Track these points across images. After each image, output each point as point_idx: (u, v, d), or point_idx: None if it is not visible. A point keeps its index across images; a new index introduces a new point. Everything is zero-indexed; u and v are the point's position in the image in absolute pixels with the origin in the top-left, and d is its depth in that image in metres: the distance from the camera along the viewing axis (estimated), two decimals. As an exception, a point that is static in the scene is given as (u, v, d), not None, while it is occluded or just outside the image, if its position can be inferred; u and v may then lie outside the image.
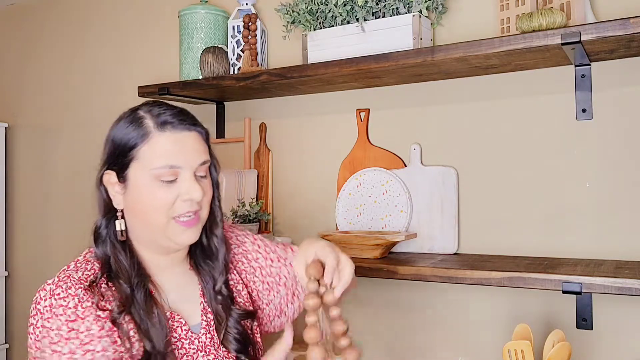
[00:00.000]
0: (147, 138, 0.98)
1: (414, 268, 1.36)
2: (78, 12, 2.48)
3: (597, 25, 1.17)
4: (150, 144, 0.98)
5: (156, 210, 0.98)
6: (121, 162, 0.99)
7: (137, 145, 0.98)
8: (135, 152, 0.98)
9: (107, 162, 1.01)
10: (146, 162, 0.97)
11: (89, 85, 2.43)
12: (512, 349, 1.25)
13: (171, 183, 0.98)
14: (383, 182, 1.65)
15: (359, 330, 1.74)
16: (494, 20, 1.52)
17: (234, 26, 1.88)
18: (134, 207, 1.00)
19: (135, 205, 0.99)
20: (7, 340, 2.65)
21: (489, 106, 1.55)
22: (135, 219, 1.01)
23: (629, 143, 1.38)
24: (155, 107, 1.02)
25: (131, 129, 1.00)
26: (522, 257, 1.46)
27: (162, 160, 0.97)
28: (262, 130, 1.94)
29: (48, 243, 2.55)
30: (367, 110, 1.74)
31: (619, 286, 1.14)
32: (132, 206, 1.00)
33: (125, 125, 1.01)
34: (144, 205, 0.98)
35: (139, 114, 1.01)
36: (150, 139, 0.98)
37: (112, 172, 1.00)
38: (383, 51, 1.46)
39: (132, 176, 0.98)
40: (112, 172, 1.00)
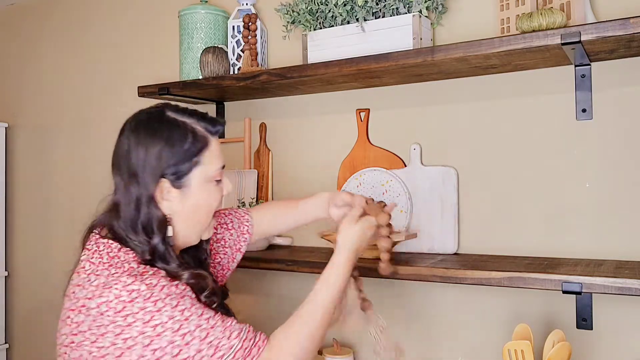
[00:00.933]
0: (207, 144, 1.07)
1: (414, 268, 1.36)
2: (78, 12, 2.48)
3: (597, 25, 1.17)
4: (210, 149, 1.07)
5: (212, 208, 1.10)
6: (183, 169, 1.04)
7: (201, 151, 1.06)
8: (199, 157, 1.06)
9: (161, 174, 1.03)
10: (207, 165, 1.07)
11: (89, 85, 2.43)
12: (512, 349, 1.25)
13: (219, 182, 1.11)
14: (383, 182, 1.65)
15: (359, 330, 1.74)
16: (494, 20, 1.52)
17: (234, 26, 1.88)
18: (189, 208, 1.06)
19: (190, 207, 1.06)
20: (7, 340, 2.65)
21: (489, 106, 1.55)
22: (183, 220, 1.07)
23: (629, 143, 1.38)
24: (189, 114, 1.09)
25: (189, 139, 1.05)
26: (522, 257, 1.46)
27: (219, 162, 1.09)
28: (262, 130, 1.94)
29: (48, 243, 2.55)
30: (367, 110, 1.74)
31: (619, 286, 1.14)
32: (186, 208, 1.06)
33: (179, 139, 1.05)
34: (203, 205, 1.08)
35: (189, 124, 1.07)
36: (210, 145, 1.08)
37: (166, 181, 1.04)
38: (383, 51, 1.46)
39: (193, 181, 1.06)
40: (167, 180, 1.04)
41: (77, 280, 1.00)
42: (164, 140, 1.04)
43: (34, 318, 2.59)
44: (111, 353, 0.92)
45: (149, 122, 1.07)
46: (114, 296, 0.93)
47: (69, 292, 1.00)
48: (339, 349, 1.66)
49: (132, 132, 1.06)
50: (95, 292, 0.94)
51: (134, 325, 0.92)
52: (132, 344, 0.91)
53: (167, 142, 1.03)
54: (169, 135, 1.04)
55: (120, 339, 0.92)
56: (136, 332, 0.92)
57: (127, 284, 0.94)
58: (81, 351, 0.94)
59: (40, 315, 2.56)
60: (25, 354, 2.62)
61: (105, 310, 0.93)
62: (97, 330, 0.93)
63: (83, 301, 0.95)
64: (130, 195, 1.04)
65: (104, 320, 0.93)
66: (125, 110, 2.35)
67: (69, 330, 0.96)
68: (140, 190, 1.03)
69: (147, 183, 1.03)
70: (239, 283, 1.97)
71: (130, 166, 1.04)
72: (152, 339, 0.92)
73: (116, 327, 0.92)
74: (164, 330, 0.92)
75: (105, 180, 1.51)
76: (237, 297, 1.97)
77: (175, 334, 0.93)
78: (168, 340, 0.92)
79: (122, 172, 1.06)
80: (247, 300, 1.95)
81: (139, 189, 1.03)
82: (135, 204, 1.03)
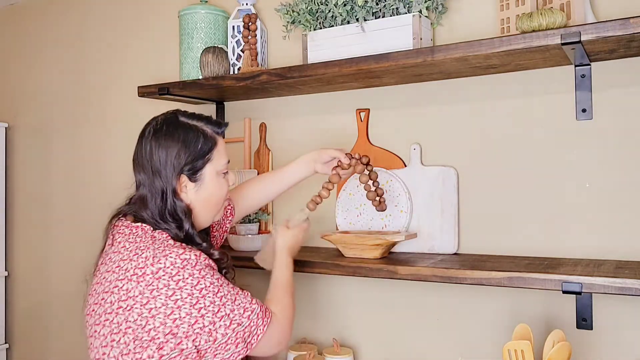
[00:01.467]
0: (216, 143, 1.28)
1: (414, 268, 1.36)
2: (78, 12, 2.48)
3: (597, 25, 1.17)
4: (218, 147, 1.28)
5: (222, 197, 1.31)
6: (198, 166, 1.24)
7: (212, 149, 1.26)
8: (210, 155, 1.26)
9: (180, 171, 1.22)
10: (217, 161, 1.27)
11: (89, 85, 2.43)
12: (512, 349, 1.25)
13: (226, 175, 1.32)
14: (383, 182, 1.65)
15: (359, 330, 1.74)
16: (494, 20, 1.52)
17: (234, 26, 1.88)
18: (204, 198, 1.26)
19: (205, 197, 1.26)
20: (7, 340, 2.65)
21: (489, 106, 1.55)
22: (202, 207, 1.27)
23: (629, 143, 1.38)
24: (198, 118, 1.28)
25: (201, 140, 1.24)
26: (522, 257, 1.46)
27: (225, 157, 1.30)
28: (262, 130, 1.94)
29: (48, 243, 2.55)
30: (367, 110, 1.74)
31: (619, 286, 1.14)
32: (202, 198, 1.26)
33: (194, 140, 1.24)
34: (216, 195, 1.28)
35: (199, 127, 1.26)
36: (218, 144, 1.28)
37: (184, 176, 1.23)
38: (383, 51, 1.46)
39: (207, 175, 1.26)
40: (184, 176, 1.23)
41: (120, 256, 1.15)
42: (181, 142, 1.22)
43: (34, 318, 2.59)
44: (162, 312, 1.08)
45: (166, 127, 1.24)
46: (170, 263, 1.10)
47: (113, 267, 1.15)
48: (339, 349, 1.66)
49: (153, 136, 1.23)
50: (147, 262, 1.11)
51: (184, 288, 1.09)
52: (181, 304, 1.09)
53: (184, 143, 1.22)
54: (185, 137, 1.23)
55: (171, 299, 1.08)
56: (185, 294, 1.09)
57: (180, 254, 1.12)
58: (129, 314, 1.08)
59: (40, 315, 2.56)
60: (25, 354, 2.62)
61: (162, 274, 1.09)
62: (150, 293, 1.08)
63: (134, 270, 1.11)
64: (156, 189, 1.21)
65: (159, 283, 1.09)
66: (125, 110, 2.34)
67: (117, 298, 1.10)
68: (164, 185, 1.21)
69: (169, 178, 1.21)
70: (239, 283, 1.97)
71: (153, 165, 1.22)
72: (197, 299, 1.10)
73: (169, 290, 1.09)
74: (207, 293, 1.11)
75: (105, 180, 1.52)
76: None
77: (214, 295, 1.12)
78: (210, 301, 1.11)
79: (146, 170, 1.23)
80: (247, 300, 1.95)
81: (163, 183, 1.21)
82: (161, 196, 1.21)
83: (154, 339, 1.08)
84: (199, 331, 1.10)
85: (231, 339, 1.13)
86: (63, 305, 2.45)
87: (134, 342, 1.08)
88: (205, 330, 1.10)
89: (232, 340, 1.13)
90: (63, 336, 2.46)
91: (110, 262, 1.17)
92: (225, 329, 1.12)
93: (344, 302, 1.77)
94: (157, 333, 1.08)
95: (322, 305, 1.81)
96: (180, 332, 1.08)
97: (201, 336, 1.10)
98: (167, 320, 1.08)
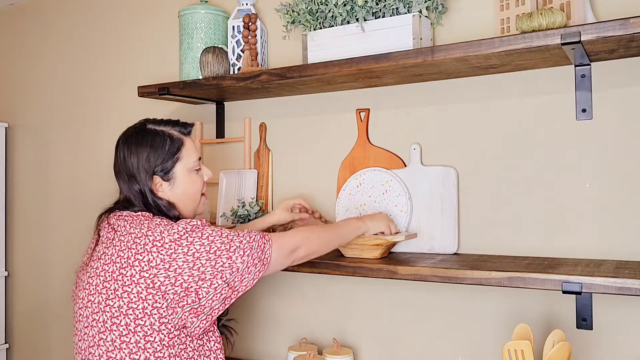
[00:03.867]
0: (183, 143, 1.39)
1: (414, 268, 1.36)
2: (78, 12, 2.48)
3: (597, 25, 1.17)
4: (186, 147, 1.40)
5: (197, 191, 1.43)
6: (168, 166, 1.36)
7: (179, 150, 1.38)
8: (179, 154, 1.38)
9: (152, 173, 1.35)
10: (186, 159, 1.39)
11: (89, 85, 2.43)
12: (512, 349, 1.25)
13: (199, 171, 1.43)
14: (383, 182, 1.65)
15: (359, 330, 1.74)
16: (494, 20, 1.52)
17: (234, 26, 1.87)
18: (179, 194, 1.39)
19: (180, 193, 1.39)
20: (7, 340, 2.65)
21: (489, 106, 1.55)
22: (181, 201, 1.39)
23: (629, 143, 1.38)
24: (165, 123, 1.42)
25: (167, 142, 1.37)
26: (522, 257, 1.46)
27: (195, 155, 1.42)
28: (262, 130, 1.94)
29: (48, 243, 2.55)
30: (367, 110, 1.74)
31: (619, 286, 1.14)
32: (180, 194, 1.39)
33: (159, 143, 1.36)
34: (190, 190, 1.40)
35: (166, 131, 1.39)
36: (185, 144, 1.40)
37: (157, 177, 1.36)
38: (383, 51, 1.46)
39: (178, 173, 1.38)
40: (157, 176, 1.36)
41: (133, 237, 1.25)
42: (149, 147, 1.35)
43: (34, 318, 2.59)
44: (187, 267, 1.21)
45: (136, 135, 1.38)
46: (182, 227, 1.24)
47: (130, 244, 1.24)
48: (339, 349, 1.66)
49: (125, 144, 1.37)
50: (163, 233, 1.23)
51: (195, 243, 1.23)
52: (198, 255, 1.22)
53: (152, 148, 1.35)
54: (152, 142, 1.36)
55: (189, 255, 1.22)
56: (198, 245, 1.23)
57: (189, 221, 1.26)
58: (152, 281, 1.20)
59: (40, 315, 2.56)
60: (25, 354, 2.62)
61: (176, 237, 1.22)
62: (169, 257, 1.21)
63: (153, 243, 1.22)
64: (135, 192, 1.35)
65: (174, 245, 1.21)
66: (125, 110, 2.34)
67: (139, 270, 1.21)
68: (141, 187, 1.34)
69: (144, 181, 1.34)
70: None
71: (128, 171, 1.35)
72: (210, 247, 1.24)
73: (184, 247, 1.22)
74: (221, 244, 1.25)
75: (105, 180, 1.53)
76: (237, 297, 1.97)
77: (224, 238, 1.26)
78: (221, 242, 1.26)
79: (123, 176, 1.37)
80: (248, 300, 1.95)
81: (140, 186, 1.34)
82: (142, 197, 1.34)
83: (187, 289, 1.21)
84: (221, 268, 1.23)
85: (250, 262, 1.26)
86: (63, 305, 2.45)
87: (167, 302, 1.21)
88: (226, 265, 1.24)
89: (250, 262, 1.26)
90: (63, 336, 2.46)
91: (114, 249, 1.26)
92: (241, 257, 1.26)
93: (344, 302, 1.77)
94: (189, 284, 1.21)
95: (322, 305, 1.81)
96: (208, 275, 1.22)
97: (225, 270, 1.24)
98: (193, 272, 1.21)
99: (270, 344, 1.91)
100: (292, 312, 1.87)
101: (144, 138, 1.36)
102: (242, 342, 1.95)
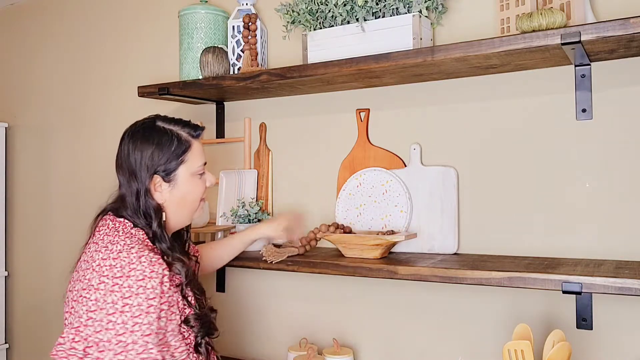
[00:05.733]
0: (190, 146, 1.35)
1: (414, 268, 1.36)
2: (78, 12, 2.48)
3: (597, 25, 1.17)
4: (193, 150, 1.35)
5: (197, 197, 1.38)
6: (171, 167, 1.32)
7: (185, 152, 1.33)
8: (184, 157, 1.33)
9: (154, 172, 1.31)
10: (191, 163, 1.35)
11: (89, 85, 2.43)
12: (512, 349, 1.25)
13: (202, 175, 1.39)
14: (383, 182, 1.65)
15: (359, 330, 1.74)
16: (494, 20, 1.52)
17: (234, 26, 1.87)
18: (178, 198, 1.34)
19: (180, 197, 1.34)
20: (7, 340, 2.66)
21: (489, 106, 1.55)
22: (174, 207, 1.35)
23: (629, 143, 1.38)
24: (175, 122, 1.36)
25: (175, 143, 1.32)
26: (522, 257, 1.46)
27: (201, 160, 1.37)
28: (262, 130, 1.94)
29: (48, 243, 2.55)
30: (367, 110, 1.74)
31: (619, 286, 1.14)
32: (176, 198, 1.34)
33: (165, 142, 1.32)
34: (191, 194, 1.36)
35: (174, 131, 1.34)
36: (192, 146, 1.35)
37: (157, 177, 1.31)
38: (383, 51, 1.46)
39: (180, 176, 1.33)
40: (158, 176, 1.31)
41: (95, 247, 1.24)
42: (155, 145, 1.31)
43: (34, 318, 2.59)
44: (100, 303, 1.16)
45: (143, 130, 1.33)
46: (128, 264, 1.18)
47: (89, 258, 1.23)
48: (339, 349, 1.66)
49: (130, 139, 1.33)
50: (111, 255, 1.19)
51: (123, 290, 1.16)
52: (111, 299, 1.16)
53: (158, 146, 1.31)
54: (159, 141, 1.31)
55: (109, 292, 1.16)
56: (118, 297, 1.16)
57: (146, 266, 1.18)
58: (86, 303, 1.18)
59: (40, 315, 2.56)
60: (25, 354, 2.62)
61: (116, 271, 1.17)
62: (98, 282, 1.17)
63: (99, 262, 1.19)
64: (132, 189, 1.31)
65: (108, 277, 1.17)
66: (125, 110, 2.34)
67: (81, 287, 1.20)
68: (139, 185, 1.30)
69: (143, 179, 1.30)
70: (240, 283, 1.97)
71: (129, 166, 1.31)
72: (127, 304, 1.16)
73: (114, 285, 1.16)
74: (131, 303, 1.16)
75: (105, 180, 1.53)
76: (237, 297, 1.98)
77: (141, 310, 1.16)
78: (136, 310, 1.16)
79: (124, 171, 1.33)
80: (248, 300, 1.95)
81: (138, 183, 1.30)
82: (136, 195, 1.30)
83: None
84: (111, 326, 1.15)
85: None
86: (63, 305, 2.45)
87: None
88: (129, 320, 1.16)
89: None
90: (63, 336, 2.46)
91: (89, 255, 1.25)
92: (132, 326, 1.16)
93: (344, 302, 1.77)
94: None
95: (322, 305, 1.81)
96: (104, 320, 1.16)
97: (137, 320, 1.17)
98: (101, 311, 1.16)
99: (270, 344, 1.90)
100: (292, 312, 1.87)
101: (151, 135, 1.32)
102: (242, 342, 1.95)
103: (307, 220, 1.77)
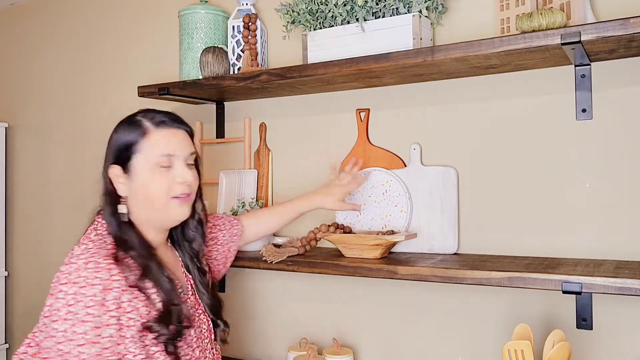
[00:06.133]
0: (146, 134, 1.24)
1: (414, 268, 1.36)
2: (78, 12, 2.48)
3: (597, 25, 1.17)
4: (149, 138, 1.24)
5: (158, 191, 1.23)
6: (124, 156, 1.23)
7: (137, 141, 1.23)
8: (136, 146, 1.23)
9: (112, 158, 1.25)
10: (147, 153, 1.23)
11: (88, 85, 2.43)
12: (512, 349, 1.25)
13: (168, 169, 1.24)
14: (383, 182, 1.65)
15: (359, 330, 1.74)
16: (494, 20, 1.52)
17: (234, 26, 1.88)
18: (139, 191, 1.24)
19: (139, 190, 1.23)
20: (7, 340, 2.65)
21: (489, 106, 1.55)
22: (139, 202, 1.24)
23: (629, 143, 1.38)
24: (150, 112, 1.29)
25: (131, 129, 1.25)
26: (522, 257, 1.46)
27: (162, 149, 1.23)
28: (262, 130, 1.94)
29: (48, 243, 2.55)
30: (367, 110, 1.74)
31: (619, 286, 1.14)
32: (137, 191, 1.24)
33: (124, 128, 1.26)
34: (147, 188, 1.23)
35: (136, 118, 1.27)
36: (149, 135, 1.24)
37: (116, 166, 1.24)
38: (383, 51, 1.46)
39: (136, 167, 1.23)
40: (117, 166, 1.24)
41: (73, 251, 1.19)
42: (117, 134, 1.27)
43: (34, 318, 2.58)
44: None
45: (120, 123, 1.29)
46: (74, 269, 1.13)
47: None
48: (339, 349, 1.66)
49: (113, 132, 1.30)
50: (70, 259, 1.15)
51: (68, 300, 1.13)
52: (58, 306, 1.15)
53: (115, 134, 1.27)
54: (122, 130, 1.27)
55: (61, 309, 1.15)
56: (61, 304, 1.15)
57: (87, 259, 1.13)
58: None
59: (40, 315, 2.55)
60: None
61: (65, 281, 1.14)
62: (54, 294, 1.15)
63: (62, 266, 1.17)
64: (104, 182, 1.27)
65: (59, 285, 1.16)
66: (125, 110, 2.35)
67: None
68: (104, 174, 1.27)
69: (106, 169, 1.26)
70: (240, 283, 1.97)
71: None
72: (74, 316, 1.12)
73: (56, 291, 1.16)
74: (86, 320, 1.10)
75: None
76: (237, 297, 1.98)
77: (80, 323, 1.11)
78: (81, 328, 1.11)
79: None
80: (247, 299, 1.95)
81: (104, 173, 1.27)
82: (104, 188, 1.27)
83: None
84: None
85: None
86: (63, 305, 2.45)
87: None
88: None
89: None
90: (63, 336, 2.46)
91: None
92: None
93: (344, 302, 1.77)
94: None
95: (322, 305, 1.81)
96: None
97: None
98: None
99: (270, 344, 1.90)
100: (292, 312, 1.87)
101: (121, 126, 1.28)
102: (242, 342, 1.95)
103: (307, 220, 1.77)
